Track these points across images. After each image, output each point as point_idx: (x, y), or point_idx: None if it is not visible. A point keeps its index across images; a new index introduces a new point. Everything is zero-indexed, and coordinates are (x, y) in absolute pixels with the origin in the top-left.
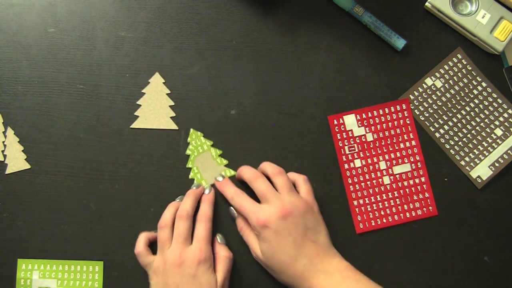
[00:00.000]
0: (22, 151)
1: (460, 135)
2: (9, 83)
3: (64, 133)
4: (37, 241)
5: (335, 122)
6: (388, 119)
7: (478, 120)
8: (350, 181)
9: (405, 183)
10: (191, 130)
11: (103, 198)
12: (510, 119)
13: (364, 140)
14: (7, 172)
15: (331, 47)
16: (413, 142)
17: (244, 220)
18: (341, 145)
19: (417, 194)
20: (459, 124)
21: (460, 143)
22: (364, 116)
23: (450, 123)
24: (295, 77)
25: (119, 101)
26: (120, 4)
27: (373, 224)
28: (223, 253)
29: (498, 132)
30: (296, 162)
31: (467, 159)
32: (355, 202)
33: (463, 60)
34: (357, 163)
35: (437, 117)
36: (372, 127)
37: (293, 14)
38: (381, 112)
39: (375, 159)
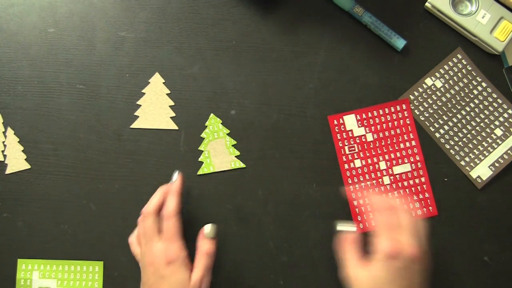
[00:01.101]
0: (22, 151)
1: (460, 135)
2: (9, 83)
3: (64, 133)
4: (37, 241)
5: (335, 122)
6: (388, 119)
7: (478, 120)
8: (350, 181)
9: (405, 183)
10: (211, 114)
11: (103, 198)
12: (510, 119)
13: (364, 140)
14: (7, 172)
15: (331, 47)
16: (413, 142)
17: (352, 235)
18: (341, 145)
19: (417, 194)
20: (459, 124)
21: (460, 143)
22: (364, 116)
23: (450, 123)
24: (295, 77)
25: (119, 101)
26: (120, 4)
27: (373, 224)
28: (203, 248)
29: (498, 132)
30: (296, 162)
31: (467, 159)
32: (355, 202)
33: (463, 60)
34: (357, 163)
35: (437, 117)
36: (372, 127)
37: (293, 14)
38: (381, 112)
39: (375, 159)
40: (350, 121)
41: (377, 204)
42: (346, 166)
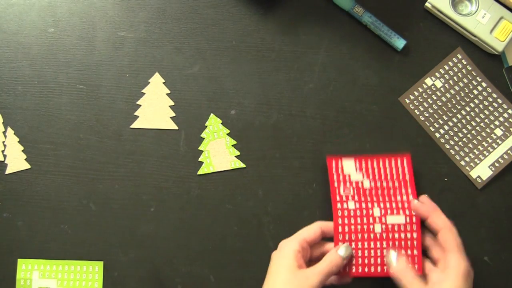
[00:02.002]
0: (22, 151)
1: (460, 135)
2: (9, 83)
3: (64, 133)
4: (37, 241)
5: (334, 164)
6: (388, 172)
7: (478, 120)
8: (340, 221)
9: (396, 235)
10: (211, 114)
11: (103, 198)
12: (510, 119)
13: (360, 186)
14: (7, 172)
15: (331, 47)
16: (410, 197)
17: (405, 261)
18: (336, 185)
19: (405, 249)
20: (459, 124)
21: (460, 143)
22: (363, 164)
23: (450, 123)
24: (295, 77)
25: (119, 101)
26: (120, 4)
27: (353, 270)
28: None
29: (498, 132)
30: (296, 162)
31: (467, 159)
32: (340, 236)
33: (463, 60)
34: (351, 205)
35: (437, 117)
36: (371, 175)
37: (293, 14)
38: (381, 163)
39: (369, 205)
40: (348, 166)
41: (444, 222)
42: (339, 205)
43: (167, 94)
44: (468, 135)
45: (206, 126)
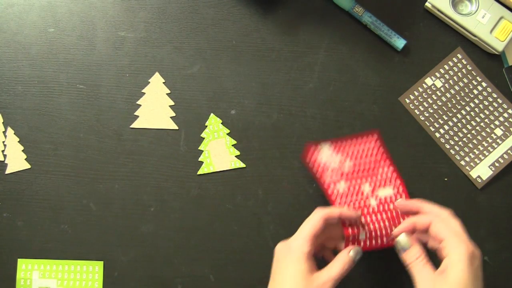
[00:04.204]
0: (22, 151)
1: (460, 135)
2: (9, 83)
3: (64, 133)
4: (37, 241)
5: (312, 149)
6: (362, 149)
7: (478, 120)
8: (338, 203)
9: (391, 206)
10: (211, 114)
11: (103, 198)
12: (510, 119)
13: (344, 167)
14: (7, 172)
15: (331, 47)
16: (391, 168)
17: (422, 249)
18: (320, 171)
19: (403, 218)
20: (459, 124)
21: (460, 143)
22: (340, 146)
23: (450, 123)
24: (295, 77)
25: (119, 101)
26: (120, 4)
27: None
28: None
29: (498, 132)
30: (296, 162)
31: (467, 159)
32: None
33: (463, 60)
34: (341, 186)
35: (437, 117)
36: (349, 156)
37: (293, 14)
38: (355, 143)
39: (358, 181)
40: (326, 150)
41: (429, 216)
42: (330, 190)
43: (167, 94)
44: (468, 135)
45: (206, 126)
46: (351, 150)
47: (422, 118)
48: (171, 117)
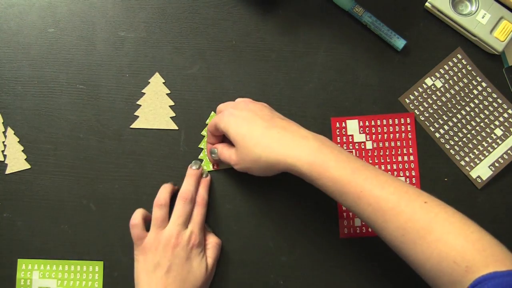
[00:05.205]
0: (22, 151)
1: (460, 135)
2: (9, 83)
3: (64, 133)
4: (37, 241)
5: (337, 125)
6: (391, 130)
7: (478, 120)
8: None
9: None
10: (212, 112)
11: (103, 198)
12: (510, 119)
13: (363, 147)
14: (7, 172)
15: (331, 47)
16: (412, 157)
17: (222, 145)
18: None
19: None
20: (459, 124)
21: (460, 143)
22: (367, 123)
23: (450, 123)
24: (295, 77)
25: (119, 101)
26: (120, 4)
27: (358, 231)
28: (213, 239)
29: (498, 132)
30: None
31: (467, 159)
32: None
33: (463, 60)
34: None
35: (437, 117)
36: (373, 136)
37: (293, 14)
38: (384, 122)
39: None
40: (352, 126)
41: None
42: None
43: (167, 94)
44: (468, 135)
45: (207, 125)
46: (379, 130)
47: (422, 118)
48: (171, 117)
